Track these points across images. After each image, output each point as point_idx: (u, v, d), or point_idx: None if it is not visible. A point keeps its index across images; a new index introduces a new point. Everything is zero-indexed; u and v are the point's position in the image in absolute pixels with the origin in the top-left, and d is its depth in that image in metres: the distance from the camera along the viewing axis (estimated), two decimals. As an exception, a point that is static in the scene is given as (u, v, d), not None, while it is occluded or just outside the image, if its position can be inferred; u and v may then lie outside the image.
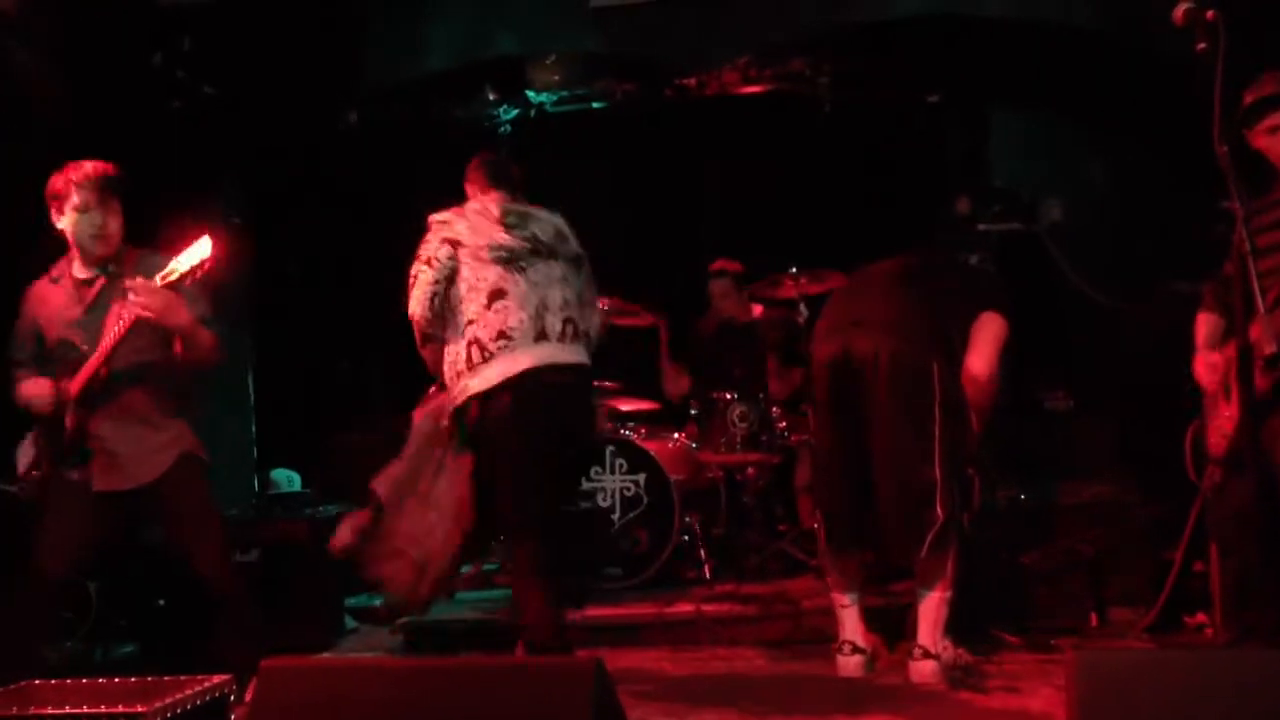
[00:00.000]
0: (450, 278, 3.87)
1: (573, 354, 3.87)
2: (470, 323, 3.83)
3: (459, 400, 3.82)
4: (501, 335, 3.78)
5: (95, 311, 3.83)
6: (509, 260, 3.85)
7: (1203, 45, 2.83)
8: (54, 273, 3.94)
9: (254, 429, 6.72)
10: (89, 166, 3.81)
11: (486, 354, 3.78)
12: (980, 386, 4.01)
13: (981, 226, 5.61)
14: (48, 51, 5.09)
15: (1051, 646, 4.29)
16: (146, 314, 3.63)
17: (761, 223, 6.78)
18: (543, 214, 4.04)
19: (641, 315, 6.00)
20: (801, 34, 6.26)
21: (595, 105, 7.05)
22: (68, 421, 3.79)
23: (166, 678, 2.77)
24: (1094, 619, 4.58)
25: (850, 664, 4.11)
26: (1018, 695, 3.80)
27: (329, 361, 7.00)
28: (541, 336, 3.81)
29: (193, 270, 3.63)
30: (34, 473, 3.84)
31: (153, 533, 5.22)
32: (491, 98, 6.96)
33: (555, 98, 7.03)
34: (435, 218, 3.97)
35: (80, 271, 3.90)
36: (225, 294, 6.49)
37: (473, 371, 3.80)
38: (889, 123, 6.83)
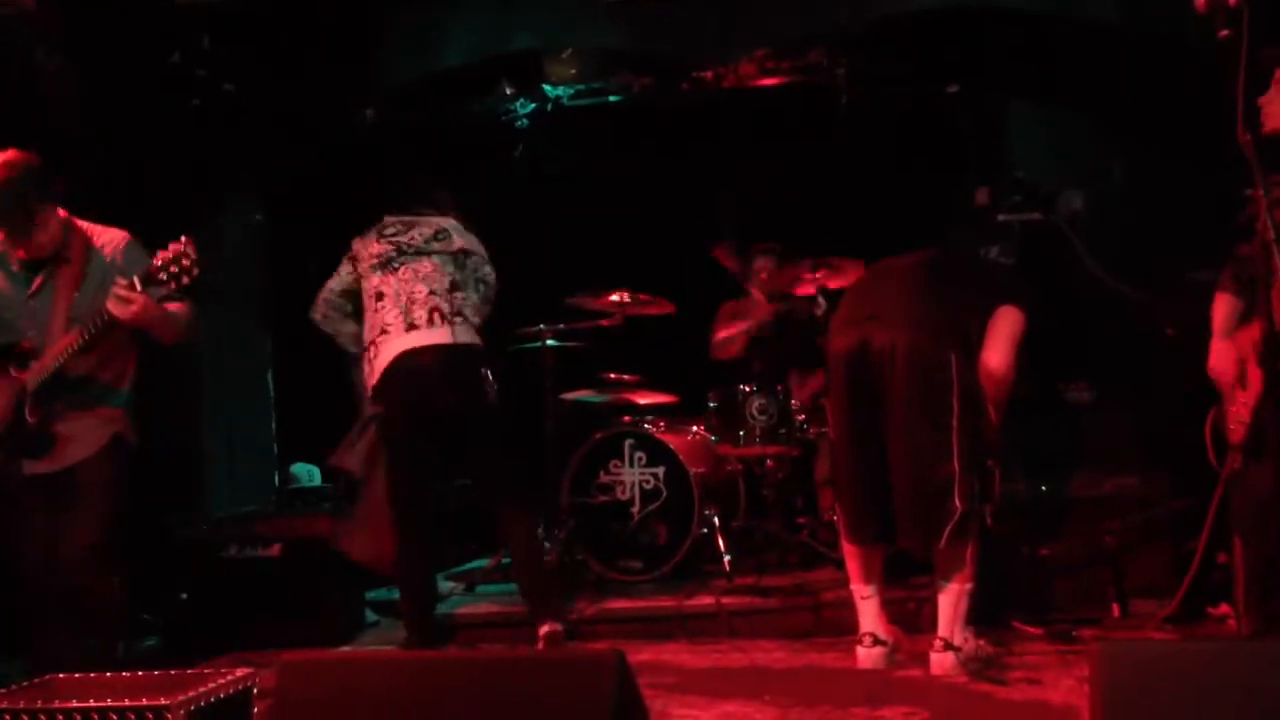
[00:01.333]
0: (348, 289, 4.64)
1: (436, 336, 4.44)
2: (369, 326, 4.52)
3: (371, 394, 4.54)
4: (382, 331, 4.46)
5: (42, 296, 3.77)
6: (383, 265, 4.55)
7: (1225, 33, 2.81)
8: None
9: (274, 424, 6.74)
10: None
11: (375, 349, 4.47)
12: (996, 381, 4.01)
13: (1001, 217, 5.57)
14: (66, 50, 5.11)
15: (1073, 638, 4.27)
16: (125, 319, 3.57)
17: (779, 215, 6.76)
18: (431, 219, 4.68)
19: (657, 304, 5.98)
20: (819, 26, 6.23)
21: (612, 99, 7.04)
22: (28, 415, 3.70)
23: (190, 671, 2.79)
24: (1116, 610, 4.56)
25: (871, 656, 4.11)
26: (1039, 687, 3.78)
27: (348, 357, 7.01)
28: (411, 327, 4.43)
29: (176, 276, 3.53)
30: None
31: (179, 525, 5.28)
32: (508, 93, 6.96)
33: (572, 92, 7.03)
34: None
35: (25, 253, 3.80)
36: (245, 292, 6.55)
37: (371, 367, 4.48)
38: (907, 114, 6.80)
